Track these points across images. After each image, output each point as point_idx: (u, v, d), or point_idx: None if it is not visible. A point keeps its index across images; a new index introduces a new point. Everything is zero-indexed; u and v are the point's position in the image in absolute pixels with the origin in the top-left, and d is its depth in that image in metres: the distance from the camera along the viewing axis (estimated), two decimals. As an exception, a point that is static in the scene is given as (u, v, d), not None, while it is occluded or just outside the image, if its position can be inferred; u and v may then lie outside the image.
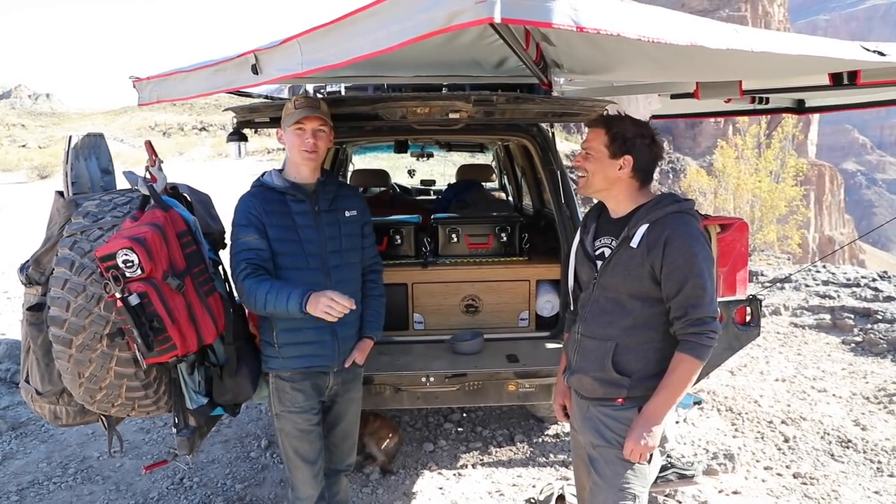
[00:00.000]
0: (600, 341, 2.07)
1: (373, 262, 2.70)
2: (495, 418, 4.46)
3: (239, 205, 2.40)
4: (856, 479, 3.72)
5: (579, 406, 2.21)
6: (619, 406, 2.05)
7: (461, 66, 2.72)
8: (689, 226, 1.97)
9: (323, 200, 2.45)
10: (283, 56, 1.85)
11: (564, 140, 39.57)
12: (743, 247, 3.10)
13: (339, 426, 2.69)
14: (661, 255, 1.92)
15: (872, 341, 6.15)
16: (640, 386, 2.02)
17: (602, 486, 2.06)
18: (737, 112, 4.18)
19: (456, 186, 5.71)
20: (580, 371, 2.15)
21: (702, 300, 1.91)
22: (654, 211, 1.99)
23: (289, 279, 2.35)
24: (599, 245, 2.14)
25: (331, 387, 2.55)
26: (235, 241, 2.36)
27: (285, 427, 2.51)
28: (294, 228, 2.39)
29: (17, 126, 44.84)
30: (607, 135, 2.01)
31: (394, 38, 1.37)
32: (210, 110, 44.96)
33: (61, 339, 2.11)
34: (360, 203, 2.62)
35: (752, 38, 1.41)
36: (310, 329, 2.41)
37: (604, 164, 2.02)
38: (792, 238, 21.29)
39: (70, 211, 2.30)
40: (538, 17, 1.15)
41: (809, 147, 63.18)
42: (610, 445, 2.05)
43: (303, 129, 2.32)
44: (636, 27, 1.21)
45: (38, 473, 3.80)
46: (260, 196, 2.39)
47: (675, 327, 1.96)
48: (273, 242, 2.36)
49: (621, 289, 2.03)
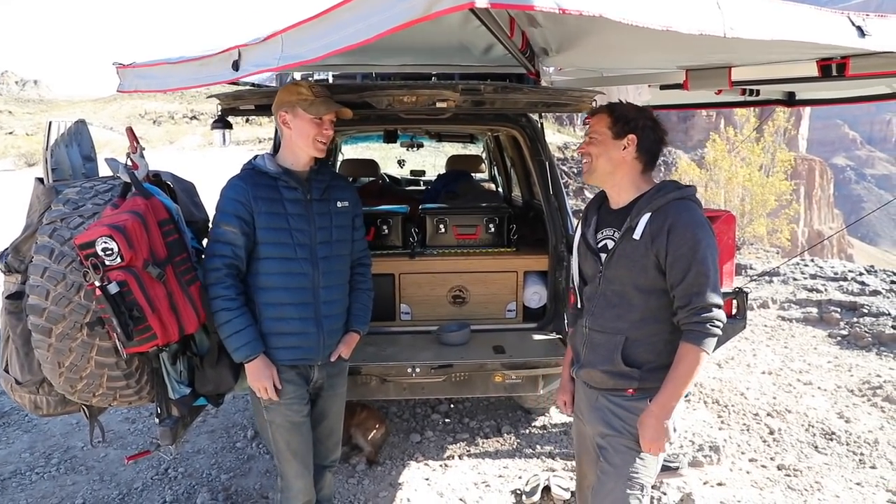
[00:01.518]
0: (609, 335, 2.06)
1: (362, 256, 2.66)
2: (482, 409, 4.47)
3: (226, 188, 2.32)
4: (838, 471, 3.76)
5: (587, 396, 2.20)
6: (630, 396, 2.05)
7: (449, 52, 2.69)
8: (692, 212, 1.95)
9: (316, 189, 2.40)
10: (263, 51, 1.84)
11: (557, 132, 39.59)
12: (730, 239, 3.10)
13: (324, 423, 2.65)
14: (664, 243, 1.91)
15: (858, 335, 6.21)
16: (650, 377, 2.01)
17: (611, 475, 2.06)
18: (727, 104, 4.17)
19: (445, 177, 5.69)
20: (589, 365, 2.13)
21: (705, 288, 1.89)
22: (655, 199, 1.97)
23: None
24: (602, 237, 2.12)
25: (315, 380, 2.51)
26: (215, 228, 2.30)
27: (276, 419, 2.45)
28: (284, 216, 2.32)
29: (5, 113, 44.35)
30: (610, 117, 2.01)
31: (373, 29, 1.36)
32: (201, 99, 44.61)
33: (41, 328, 2.08)
34: (353, 195, 2.58)
35: (735, 13, 1.39)
36: (295, 320, 2.37)
37: (608, 145, 2.01)
38: (781, 232, 21.41)
39: (50, 198, 2.26)
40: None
41: (800, 141, 63.57)
42: (619, 434, 2.05)
43: (321, 119, 2.29)
44: (619, 9, 1.20)
45: (21, 464, 3.76)
46: (250, 180, 2.32)
47: (679, 316, 1.95)
48: (260, 231, 2.29)
49: (627, 281, 2.01)
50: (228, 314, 2.25)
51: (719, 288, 1.93)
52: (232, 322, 2.25)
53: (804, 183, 62.34)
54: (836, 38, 1.57)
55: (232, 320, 2.25)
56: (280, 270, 2.33)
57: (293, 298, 2.36)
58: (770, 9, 1.49)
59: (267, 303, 2.35)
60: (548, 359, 3.30)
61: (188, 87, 2.26)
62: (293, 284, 2.35)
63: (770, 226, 21.25)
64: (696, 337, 1.90)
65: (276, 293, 2.34)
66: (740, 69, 2.34)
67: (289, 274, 2.34)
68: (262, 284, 2.34)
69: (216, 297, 2.25)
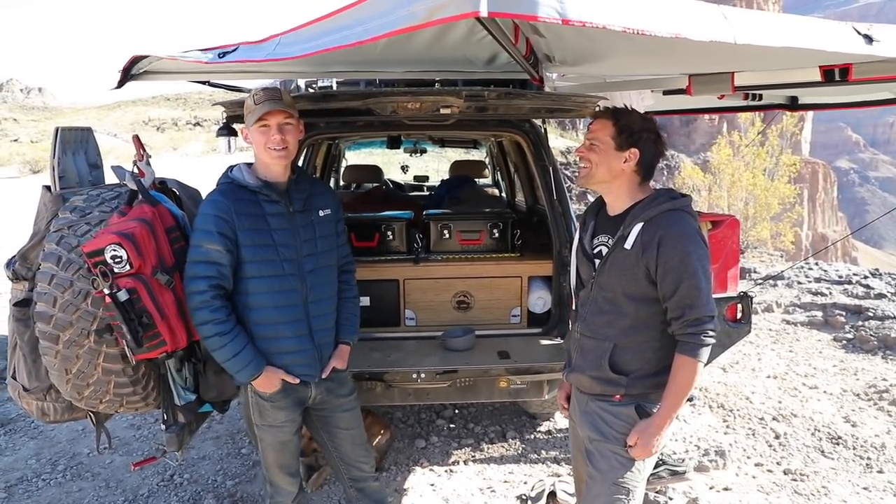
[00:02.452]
0: (598, 341, 2.08)
1: (345, 262, 2.56)
2: (487, 415, 4.46)
3: (205, 205, 2.20)
4: (845, 476, 3.74)
5: (578, 400, 2.22)
6: (617, 402, 2.06)
7: (452, 63, 2.71)
8: (683, 224, 1.94)
9: (297, 200, 2.30)
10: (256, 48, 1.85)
11: (560, 136, 39.61)
12: (734, 244, 3.10)
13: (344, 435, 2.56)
14: (654, 255, 1.91)
15: (863, 338, 6.18)
16: (637, 384, 2.03)
17: (597, 480, 2.07)
18: (730, 108, 4.18)
19: (449, 182, 5.70)
20: (578, 370, 2.16)
21: (698, 300, 1.90)
22: (648, 209, 1.97)
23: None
24: (597, 243, 2.13)
25: (314, 397, 2.44)
26: (194, 248, 2.16)
27: (265, 438, 2.43)
28: (268, 232, 2.22)
29: (10, 120, 44.55)
30: (615, 126, 1.98)
31: (369, 32, 1.36)
32: (204, 105, 44.82)
33: (48, 335, 2.09)
34: (334, 200, 2.48)
35: (741, 23, 1.40)
36: (289, 338, 2.30)
37: (609, 155, 1.99)
38: (785, 235, 21.36)
39: (57, 206, 2.27)
40: (524, 10, 1.14)
41: (803, 144, 63.42)
42: (606, 440, 2.06)
43: (268, 126, 2.16)
44: (622, 18, 1.21)
45: (27, 470, 3.77)
46: (230, 195, 2.20)
47: (673, 328, 1.96)
48: (244, 249, 2.19)
49: (617, 289, 2.02)
50: (223, 339, 2.16)
51: (711, 297, 1.94)
52: (229, 346, 2.17)
53: (808, 186, 62.25)
54: (844, 45, 1.57)
55: (228, 344, 2.17)
56: (269, 289, 2.24)
57: (285, 317, 2.28)
58: (775, 21, 1.50)
59: (258, 322, 2.27)
60: (552, 364, 3.30)
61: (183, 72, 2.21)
62: (283, 302, 2.27)
63: (774, 229, 21.20)
64: (690, 349, 1.92)
65: (267, 312, 2.26)
66: (743, 74, 2.35)
67: (279, 292, 2.26)
68: (251, 304, 2.25)
69: (206, 322, 2.14)
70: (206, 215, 2.17)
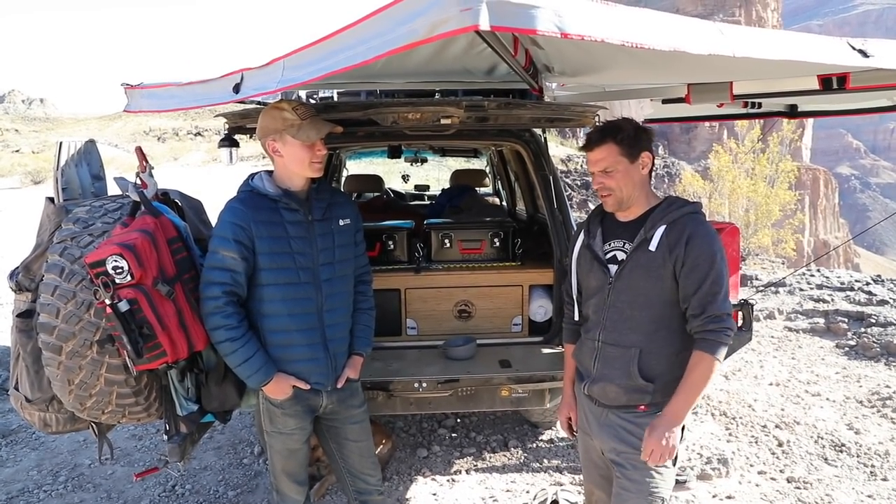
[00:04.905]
0: (624, 348, 2.07)
1: (363, 273, 2.58)
2: (489, 424, 4.46)
3: (225, 212, 2.23)
4: (849, 484, 3.73)
5: (594, 413, 2.19)
6: (642, 413, 2.06)
7: (452, 74, 2.73)
8: (707, 226, 2.02)
9: (317, 209, 2.32)
10: (264, 76, 1.88)
11: (560, 145, 39.66)
12: (734, 252, 3.10)
13: (352, 447, 2.57)
14: (683, 252, 1.95)
15: (866, 345, 6.17)
16: (662, 391, 2.03)
17: (632, 490, 2.06)
18: (729, 116, 4.19)
19: (450, 191, 5.71)
20: (603, 379, 2.12)
21: (719, 297, 1.95)
22: (669, 213, 2.02)
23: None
24: (610, 249, 2.13)
25: (325, 406, 2.44)
26: (212, 254, 2.20)
27: (275, 445, 2.45)
28: (286, 240, 2.24)
29: (11, 131, 44.72)
30: (618, 145, 2.01)
31: (372, 51, 1.37)
32: (205, 115, 44.90)
33: (51, 346, 2.09)
34: (353, 210, 2.50)
35: (737, 39, 1.41)
36: (303, 346, 2.31)
37: (628, 171, 2.03)
38: (787, 242, 21.34)
39: (60, 217, 2.29)
40: (523, 24, 1.15)
41: (804, 151, 63.54)
42: (636, 451, 2.04)
43: (313, 143, 2.22)
44: (620, 32, 1.22)
45: (29, 481, 3.77)
46: (250, 203, 2.23)
47: (693, 325, 1.98)
48: (261, 256, 2.21)
49: (641, 292, 2.03)
50: (234, 344, 2.18)
51: (729, 299, 1.98)
52: (239, 351, 2.19)
53: (809, 193, 62.24)
54: (841, 59, 1.59)
55: (239, 350, 2.19)
56: (284, 296, 2.26)
57: (299, 324, 2.30)
58: (770, 37, 1.51)
59: (272, 330, 2.28)
60: (554, 372, 3.30)
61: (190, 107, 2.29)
62: (298, 310, 2.29)
63: (775, 236, 21.18)
64: (709, 346, 1.94)
65: (281, 320, 2.28)
66: (742, 83, 2.37)
67: (294, 300, 2.27)
68: (266, 311, 2.27)
69: (218, 328, 2.17)
70: (224, 222, 2.21)
